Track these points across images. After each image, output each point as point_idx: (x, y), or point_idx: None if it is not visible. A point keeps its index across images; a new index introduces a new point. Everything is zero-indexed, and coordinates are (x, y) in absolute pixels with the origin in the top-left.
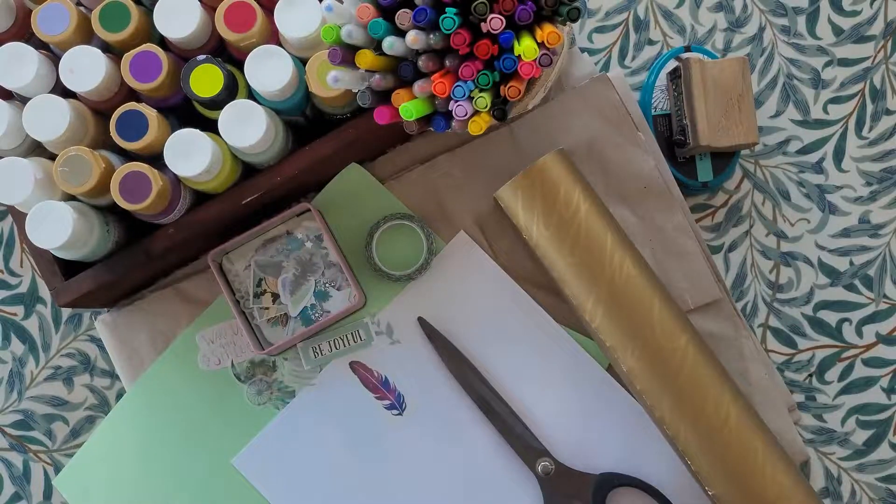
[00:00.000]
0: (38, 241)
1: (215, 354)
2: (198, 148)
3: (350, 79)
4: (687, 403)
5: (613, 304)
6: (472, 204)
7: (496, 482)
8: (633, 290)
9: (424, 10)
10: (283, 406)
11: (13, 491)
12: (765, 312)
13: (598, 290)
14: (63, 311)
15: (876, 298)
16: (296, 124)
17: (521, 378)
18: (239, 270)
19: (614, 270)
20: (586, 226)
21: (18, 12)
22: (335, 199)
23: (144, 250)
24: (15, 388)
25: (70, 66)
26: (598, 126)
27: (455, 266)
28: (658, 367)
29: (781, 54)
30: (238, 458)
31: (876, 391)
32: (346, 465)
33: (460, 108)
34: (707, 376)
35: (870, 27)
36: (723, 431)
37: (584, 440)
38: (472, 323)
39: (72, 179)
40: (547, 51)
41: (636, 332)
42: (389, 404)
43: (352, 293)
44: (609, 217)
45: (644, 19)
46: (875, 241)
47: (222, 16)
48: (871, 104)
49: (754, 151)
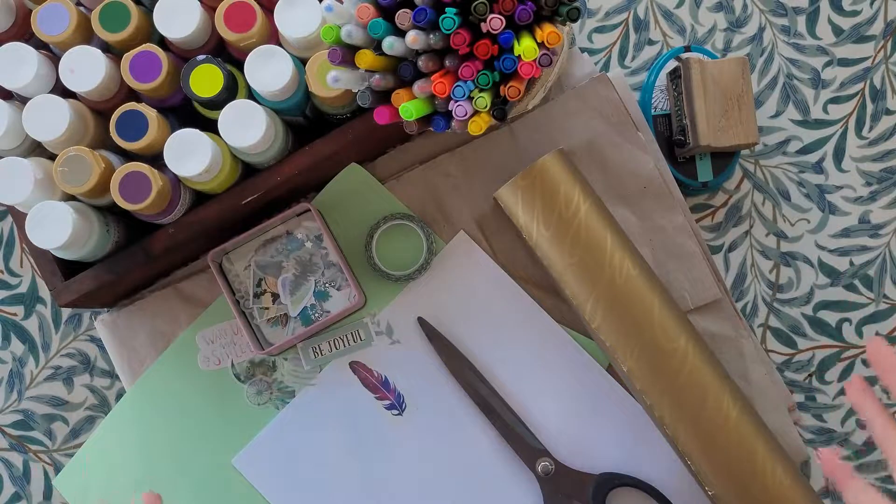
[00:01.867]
0: (38, 241)
1: (215, 354)
2: (198, 148)
3: (350, 79)
4: (687, 403)
5: (613, 304)
6: (472, 204)
7: (496, 482)
8: (633, 291)
9: (424, 10)
10: (283, 406)
11: (13, 491)
12: (765, 312)
13: (598, 290)
14: (63, 311)
15: (876, 298)
16: (296, 124)
17: (521, 378)
18: (239, 270)
19: (614, 270)
20: (586, 226)
21: (18, 12)
22: (335, 199)
23: (144, 250)
24: (15, 388)
25: (70, 66)
26: (597, 126)
27: (455, 266)
28: (658, 367)
29: (781, 54)
30: (238, 458)
31: (875, 391)
32: (346, 464)
33: (460, 108)
34: (707, 376)
35: (870, 27)
36: (722, 431)
37: (584, 440)
38: (472, 323)
39: (72, 179)
40: (547, 51)
41: (636, 332)
42: (389, 404)
43: (352, 293)
44: (609, 217)
45: (644, 19)
46: (875, 241)
47: (222, 16)
48: (871, 104)
49: (754, 151)
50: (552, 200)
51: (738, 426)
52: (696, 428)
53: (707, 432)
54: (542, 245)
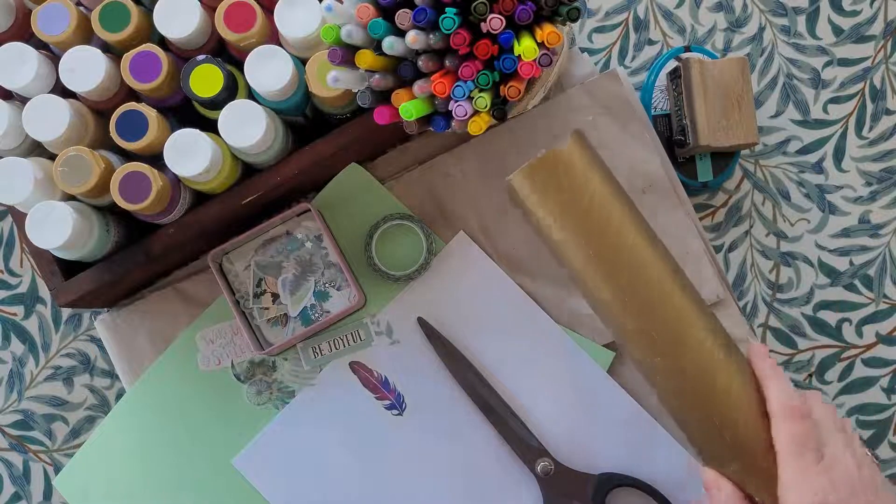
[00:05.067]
0: (38, 241)
1: (215, 354)
2: (198, 148)
3: (350, 79)
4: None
5: (636, 299)
6: (472, 204)
7: (496, 482)
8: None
9: (424, 10)
10: (283, 406)
11: (13, 491)
12: (765, 312)
13: (620, 283)
14: (63, 311)
15: (876, 298)
16: (296, 124)
17: (521, 378)
18: (239, 270)
19: (633, 265)
20: (608, 215)
21: (18, 12)
22: (335, 200)
23: (144, 250)
24: (15, 388)
25: (70, 66)
26: (604, 123)
27: (455, 266)
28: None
29: (781, 54)
30: (238, 458)
31: (876, 391)
32: (346, 464)
33: (460, 108)
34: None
35: (870, 27)
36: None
37: (584, 440)
38: (471, 323)
39: (72, 179)
40: (547, 51)
41: (663, 325)
42: (389, 404)
43: (352, 293)
44: (634, 209)
45: (644, 19)
46: (875, 241)
47: (222, 16)
48: (871, 104)
49: (754, 151)
50: (569, 185)
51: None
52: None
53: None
54: (560, 235)
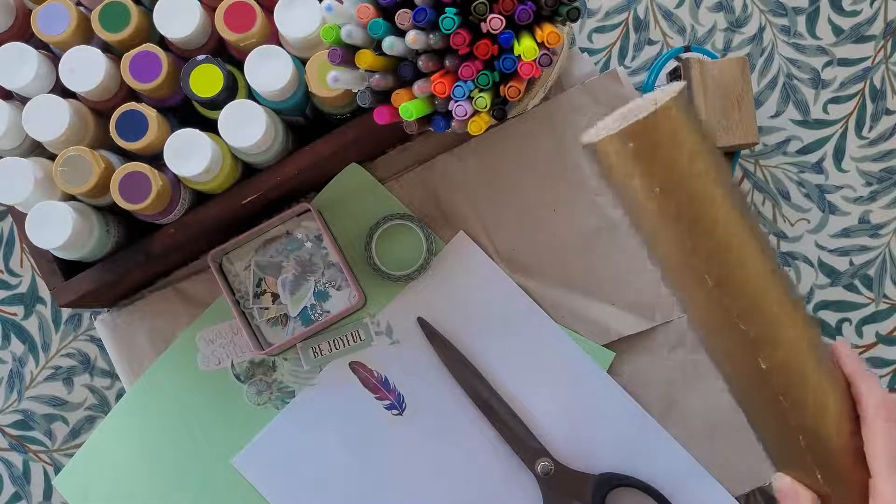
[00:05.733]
0: (38, 241)
1: (215, 354)
2: (198, 148)
3: (350, 79)
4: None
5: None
6: (472, 204)
7: (496, 482)
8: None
9: (424, 10)
10: (283, 406)
11: (13, 491)
12: None
13: (717, 270)
14: (63, 311)
15: (876, 298)
16: (296, 124)
17: (521, 378)
18: (239, 270)
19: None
20: (709, 196)
21: (18, 12)
22: (335, 199)
23: (144, 250)
24: (15, 388)
25: (70, 66)
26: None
27: (455, 266)
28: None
29: (781, 54)
30: (238, 458)
31: None
32: (346, 464)
33: (460, 108)
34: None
35: (870, 27)
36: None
37: (584, 440)
38: (471, 323)
39: (72, 179)
40: (547, 51)
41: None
42: (389, 404)
43: (351, 293)
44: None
45: (644, 19)
46: (875, 241)
47: (222, 16)
48: (871, 104)
49: (754, 151)
50: (670, 156)
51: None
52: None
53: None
54: (653, 217)
